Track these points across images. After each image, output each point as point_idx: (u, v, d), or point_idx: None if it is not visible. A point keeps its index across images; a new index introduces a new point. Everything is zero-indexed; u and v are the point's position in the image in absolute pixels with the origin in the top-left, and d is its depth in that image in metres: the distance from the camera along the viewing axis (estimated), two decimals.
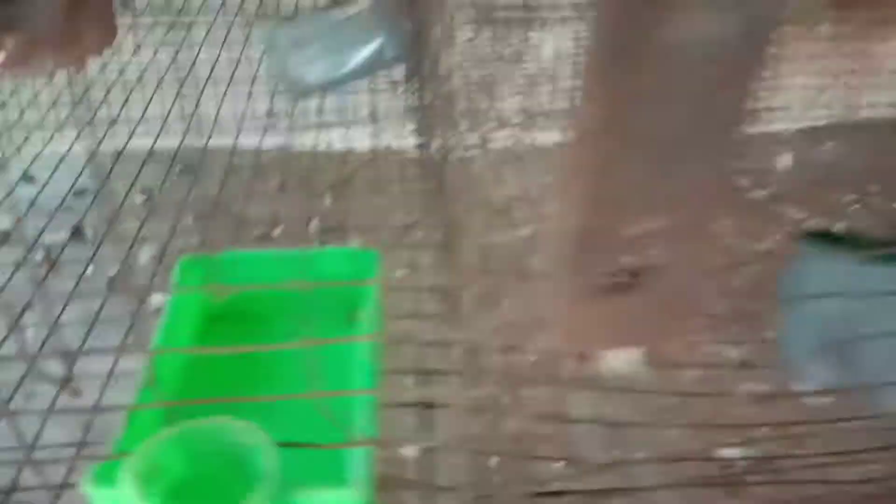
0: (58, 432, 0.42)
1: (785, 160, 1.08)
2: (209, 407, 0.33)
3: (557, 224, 0.25)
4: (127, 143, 0.88)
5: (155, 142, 0.80)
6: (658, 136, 0.23)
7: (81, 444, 0.44)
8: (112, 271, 0.84)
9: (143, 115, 0.82)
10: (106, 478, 0.31)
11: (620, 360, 0.32)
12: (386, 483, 0.35)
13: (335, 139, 0.98)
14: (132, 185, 0.80)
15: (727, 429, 0.47)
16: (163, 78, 0.89)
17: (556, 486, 0.41)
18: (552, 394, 0.44)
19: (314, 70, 0.65)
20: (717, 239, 0.27)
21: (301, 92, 0.67)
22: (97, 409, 0.37)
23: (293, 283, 0.34)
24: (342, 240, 0.94)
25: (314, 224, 1.02)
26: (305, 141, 0.96)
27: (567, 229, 0.25)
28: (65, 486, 0.36)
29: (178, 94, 0.73)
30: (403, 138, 0.92)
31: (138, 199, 1.04)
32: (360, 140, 1.00)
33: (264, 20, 0.75)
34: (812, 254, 0.43)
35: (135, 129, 0.83)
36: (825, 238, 0.44)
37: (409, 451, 0.43)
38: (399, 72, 0.72)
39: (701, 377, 0.48)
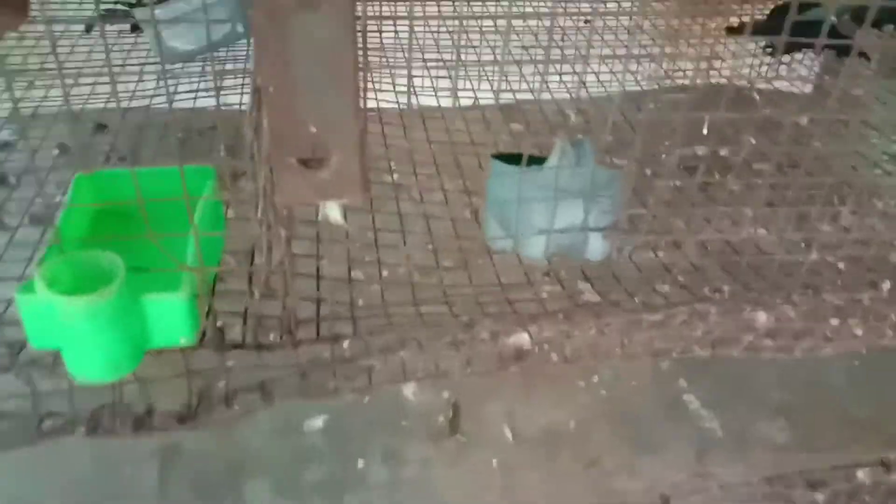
0: None
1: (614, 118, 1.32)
2: None
3: (268, 130, 0.47)
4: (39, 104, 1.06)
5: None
6: (305, 83, 0.45)
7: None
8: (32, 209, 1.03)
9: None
10: (27, 290, 0.53)
11: (332, 213, 0.55)
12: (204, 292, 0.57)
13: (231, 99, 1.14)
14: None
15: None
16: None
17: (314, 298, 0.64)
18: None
19: (183, 42, 0.85)
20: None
21: (172, 59, 0.87)
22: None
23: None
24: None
25: None
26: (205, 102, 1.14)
27: (268, 129, 0.47)
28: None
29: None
30: None
31: (54, 152, 1.22)
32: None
33: None
34: (498, 166, 0.67)
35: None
36: (505, 157, 0.68)
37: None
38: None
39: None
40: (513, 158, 0.69)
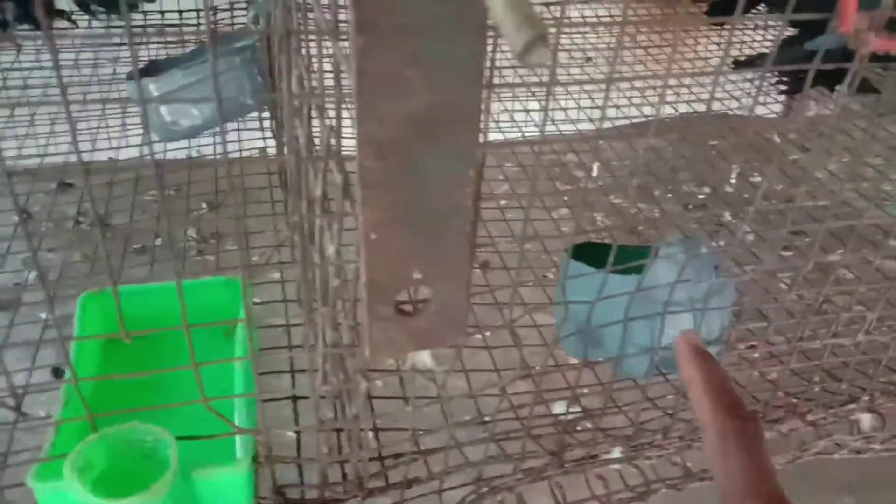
0: None
1: (609, 155, 1.26)
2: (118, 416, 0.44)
3: (360, 275, 0.38)
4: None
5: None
6: (415, 223, 0.36)
7: (6, 454, 0.55)
8: None
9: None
10: (46, 474, 0.42)
11: (421, 357, 0.46)
12: (267, 459, 0.47)
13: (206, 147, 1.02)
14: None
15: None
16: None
17: (395, 450, 0.55)
18: (387, 382, 0.58)
19: (188, 117, 0.75)
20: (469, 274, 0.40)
21: (174, 136, 0.77)
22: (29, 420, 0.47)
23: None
24: (218, 250, 1.02)
25: (190, 234, 1.09)
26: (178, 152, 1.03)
27: (366, 278, 0.38)
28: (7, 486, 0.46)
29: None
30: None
31: (14, 219, 1.09)
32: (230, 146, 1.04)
33: None
34: (572, 263, 0.59)
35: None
36: (582, 250, 0.59)
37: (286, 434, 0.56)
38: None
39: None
40: (588, 250, 0.61)
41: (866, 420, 0.62)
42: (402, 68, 0.32)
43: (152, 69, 0.80)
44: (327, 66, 0.45)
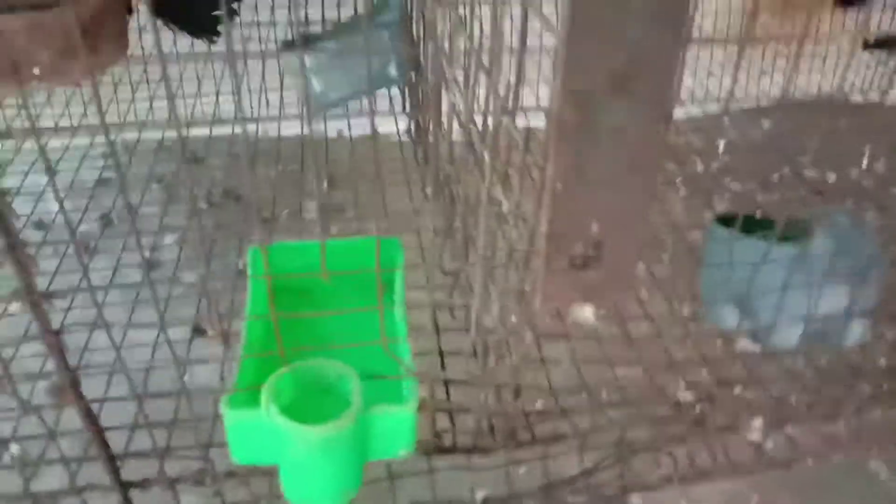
0: None
1: (728, 137, 1.24)
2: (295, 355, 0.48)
3: (535, 225, 0.40)
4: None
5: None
6: (600, 177, 0.38)
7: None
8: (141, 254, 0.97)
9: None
10: (237, 403, 0.46)
11: (584, 314, 0.47)
12: (431, 404, 0.50)
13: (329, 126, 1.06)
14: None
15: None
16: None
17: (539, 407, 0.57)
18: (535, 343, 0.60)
19: (335, 89, 0.79)
20: (654, 225, 0.42)
21: (322, 107, 0.80)
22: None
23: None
24: (343, 221, 1.05)
25: (314, 206, 1.14)
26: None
27: (543, 230, 0.40)
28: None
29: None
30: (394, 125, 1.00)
31: (154, 186, 1.16)
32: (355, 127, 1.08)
33: None
34: (721, 232, 0.59)
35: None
36: (729, 220, 0.59)
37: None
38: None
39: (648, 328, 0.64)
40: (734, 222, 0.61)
41: None
42: (611, 19, 0.33)
43: (302, 42, 0.84)
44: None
